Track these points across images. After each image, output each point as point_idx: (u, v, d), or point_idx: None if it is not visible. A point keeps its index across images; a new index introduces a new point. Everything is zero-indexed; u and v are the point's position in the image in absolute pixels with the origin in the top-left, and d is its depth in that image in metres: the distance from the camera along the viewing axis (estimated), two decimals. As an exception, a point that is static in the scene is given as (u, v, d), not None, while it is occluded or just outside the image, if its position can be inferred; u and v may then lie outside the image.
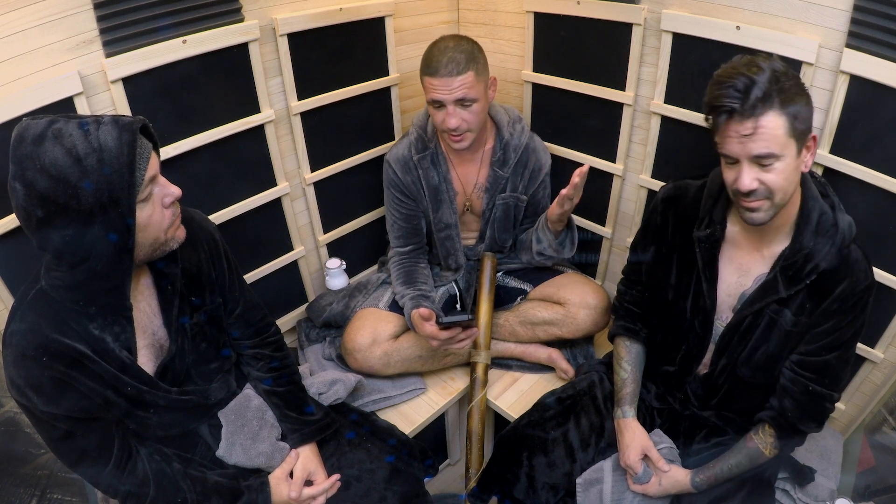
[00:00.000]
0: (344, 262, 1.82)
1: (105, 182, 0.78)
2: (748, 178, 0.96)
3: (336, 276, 1.81)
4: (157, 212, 0.89)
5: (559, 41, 1.59)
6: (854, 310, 1.05)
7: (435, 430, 1.78)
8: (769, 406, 1.17)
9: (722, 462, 1.18)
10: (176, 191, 0.91)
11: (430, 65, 1.39)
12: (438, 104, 1.42)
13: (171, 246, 0.95)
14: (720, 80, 0.95)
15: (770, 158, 0.94)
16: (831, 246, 1.02)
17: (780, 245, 1.08)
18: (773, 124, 0.92)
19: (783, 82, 0.91)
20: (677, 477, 1.20)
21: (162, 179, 0.90)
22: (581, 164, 1.68)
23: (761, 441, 1.16)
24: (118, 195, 0.80)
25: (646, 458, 1.23)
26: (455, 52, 1.37)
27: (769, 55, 0.96)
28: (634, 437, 1.24)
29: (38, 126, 0.78)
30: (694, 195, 1.18)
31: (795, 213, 1.06)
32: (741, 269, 1.14)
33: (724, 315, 1.17)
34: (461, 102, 1.40)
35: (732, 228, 1.14)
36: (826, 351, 1.09)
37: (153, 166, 0.86)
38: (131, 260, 0.86)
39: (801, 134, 0.94)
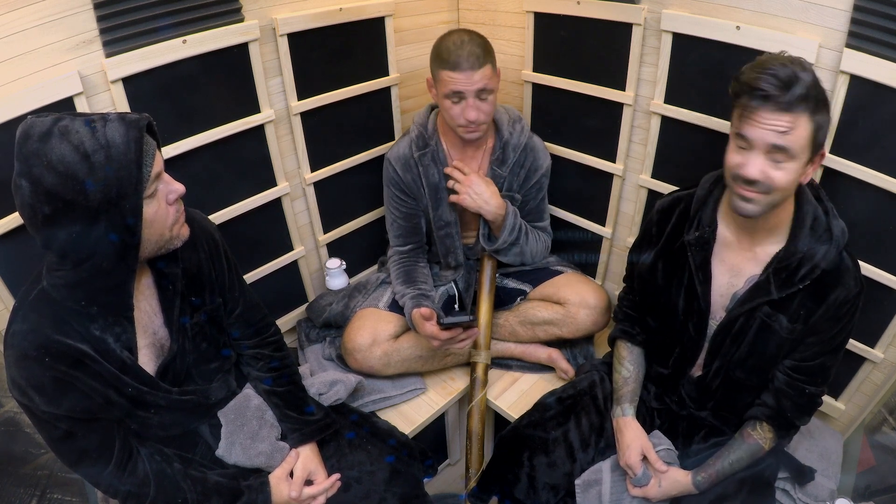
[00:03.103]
0: (344, 262, 1.82)
1: (113, 178, 0.78)
2: (755, 167, 0.96)
3: (336, 276, 1.82)
4: (162, 208, 0.89)
5: (559, 41, 1.59)
6: (846, 316, 1.07)
7: (435, 430, 1.77)
8: (763, 404, 1.18)
9: (722, 459, 1.18)
10: (180, 187, 0.92)
11: (449, 59, 1.38)
12: (459, 97, 1.42)
13: (175, 244, 0.95)
14: (764, 63, 0.94)
15: (786, 156, 0.94)
16: (825, 252, 1.03)
17: (771, 246, 1.09)
18: (803, 126, 0.92)
19: (819, 91, 0.93)
20: (678, 478, 1.20)
21: (166, 176, 0.91)
22: (581, 164, 1.70)
23: (761, 437, 1.18)
24: (125, 191, 0.80)
25: (644, 459, 1.23)
26: (472, 46, 1.38)
27: (804, 62, 0.96)
28: (635, 437, 1.24)
29: (44, 123, 0.78)
30: (686, 203, 1.20)
31: (789, 216, 1.07)
32: (732, 270, 1.14)
33: (717, 315, 1.18)
34: (480, 94, 1.41)
35: (723, 230, 1.15)
36: (820, 356, 1.11)
37: (158, 163, 0.87)
38: (136, 257, 0.87)
39: (818, 146, 0.96)
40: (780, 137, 0.93)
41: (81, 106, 1.16)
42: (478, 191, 1.51)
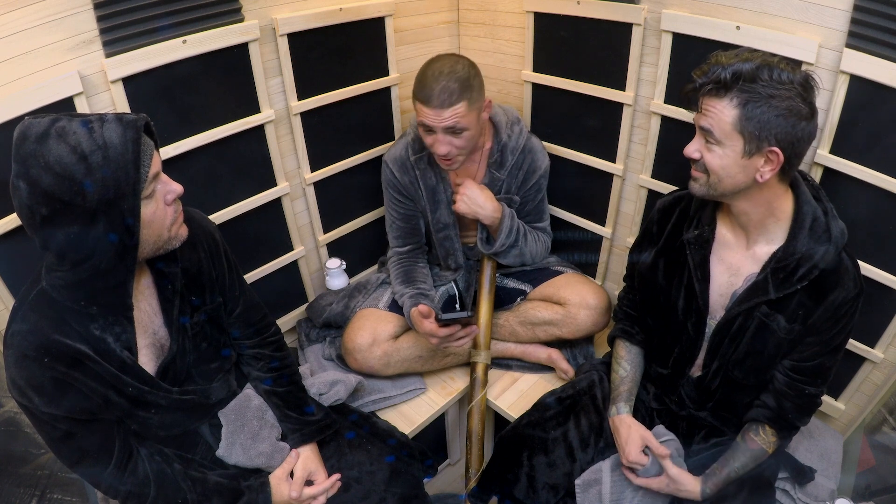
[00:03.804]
0: (344, 262, 1.82)
1: (111, 178, 0.78)
2: (693, 145, 1.05)
3: (336, 276, 1.82)
4: (160, 209, 0.89)
5: (559, 41, 1.59)
6: (845, 317, 1.07)
7: (435, 430, 1.78)
8: (763, 405, 1.17)
9: (728, 467, 1.18)
10: (178, 188, 0.92)
11: (423, 91, 1.35)
12: (428, 129, 1.40)
13: (173, 244, 0.95)
14: (713, 57, 1.01)
15: (713, 139, 0.99)
16: (824, 252, 1.03)
17: (769, 246, 1.09)
18: (721, 110, 0.97)
19: (767, 89, 0.92)
20: (687, 484, 1.18)
21: (164, 177, 0.90)
22: (581, 164, 1.70)
23: (764, 441, 1.17)
24: (123, 191, 0.80)
25: (648, 449, 1.22)
26: (449, 81, 1.32)
27: (791, 66, 0.95)
28: (631, 432, 1.24)
29: (42, 124, 0.78)
30: (687, 202, 1.21)
31: (787, 216, 1.07)
32: (731, 269, 1.14)
33: (717, 315, 1.18)
34: (451, 130, 1.38)
35: (722, 229, 1.15)
36: (819, 356, 1.11)
37: (156, 163, 0.87)
38: (134, 257, 0.87)
39: (753, 137, 0.95)
40: (703, 119, 1.00)
41: (81, 106, 1.16)
42: (471, 195, 1.51)
